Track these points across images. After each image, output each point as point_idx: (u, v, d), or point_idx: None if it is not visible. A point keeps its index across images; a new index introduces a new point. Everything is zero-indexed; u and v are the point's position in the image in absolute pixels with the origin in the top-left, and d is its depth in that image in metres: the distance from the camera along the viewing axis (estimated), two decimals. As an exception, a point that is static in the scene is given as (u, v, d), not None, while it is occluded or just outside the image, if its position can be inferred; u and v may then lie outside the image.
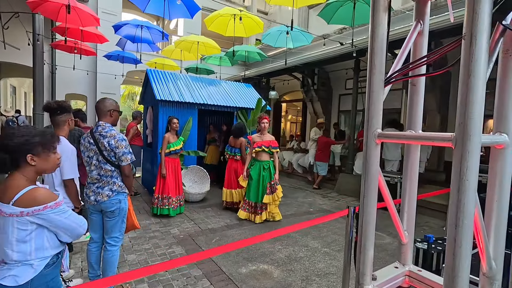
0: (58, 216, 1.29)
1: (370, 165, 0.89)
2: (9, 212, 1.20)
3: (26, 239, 1.24)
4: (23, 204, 1.21)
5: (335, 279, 2.95)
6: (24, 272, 1.24)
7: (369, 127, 0.89)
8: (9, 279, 1.21)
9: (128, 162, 2.35)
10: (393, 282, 1.00)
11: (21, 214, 1.20)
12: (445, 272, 0.70)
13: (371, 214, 0.90)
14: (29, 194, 1.23)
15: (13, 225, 1.21)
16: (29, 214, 1.21)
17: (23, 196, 1.22)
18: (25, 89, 18.77)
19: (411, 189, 1.05)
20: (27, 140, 1.27)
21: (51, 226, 1.29)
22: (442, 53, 0.85)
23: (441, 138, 0.73)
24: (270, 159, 4.57)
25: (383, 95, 0.89)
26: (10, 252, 1.23)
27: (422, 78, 1.01)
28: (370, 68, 0.88)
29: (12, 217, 1.20)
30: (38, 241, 1.27)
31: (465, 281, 0.68)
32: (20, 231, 1.22)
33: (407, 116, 1.04)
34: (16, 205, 1.20)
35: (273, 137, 4.64)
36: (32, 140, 1.29)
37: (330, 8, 5.30)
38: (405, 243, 1.06)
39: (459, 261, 0.67)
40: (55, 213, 1.27)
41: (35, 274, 1.25)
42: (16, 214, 1.20)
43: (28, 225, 1.23)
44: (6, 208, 1.20)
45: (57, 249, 1.36)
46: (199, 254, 1.78)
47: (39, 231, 1.27)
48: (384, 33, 0.86)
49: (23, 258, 1.24)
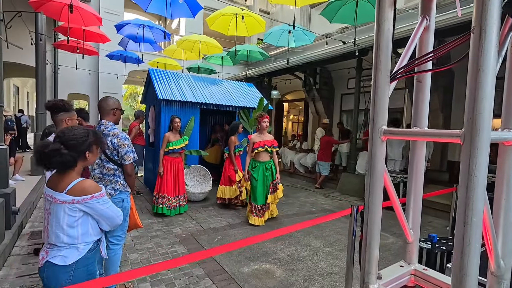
0: (101, 205, 1.46)
1: (375, 162, 0.87)
2: (62, 199, 1.38)
3: (74, 224, 1.41)
4: (74, 193, 1.39)
5: (338, 279, 2.93)
6: (71, 254, 1.41)
7: (374, 124, 0.87)
8: (58, 259, 1.39)
9: (131, 160, 2.35)
10: (398, 281, 0.99)
11: (72, 202, 1.39)
12: (453, 271, 0.69)
13: (376, 212, 0.88)
14: (79, 185, 1.41)
15: (64, 211, 1.39)
16: (79, 202, 1.40)
17: (74, 186, 1.40)
18: (28, 89, 18.87)
19: (417, 187, 1.04)
20: (86, 140, 1.49)
21: (95, 214, 1.46)
22: (449, 48, 0.84)
23: (449, 134, 0.71)
24: (270, 159, 4.49)
25: (389, 91, 0.88)
26: (62, 235, 1.40)
27: (428, 75, 0.99)
28: (375, 64, 0.86)
29: (64, 204, 1.38)
30: (84, 227, 1.44)
31: (473, 280, 0.67)
32: (70, 217, 1.40)
33: (412, 113, 1.03)
34: (69, 194, 1.39)
35: (272, 136, 4.55)
36: (89, 139, 1.50)
37: (332, 7, 5.27)
38: (411, 242, 1.04)
39: (467, 260, 0.66)
40: (99, 202, 1.45)
41: (80, 257, 1.42)
42: (68, 202, 1.38)
43: (77, 212, 1.41)
44: (60, 196, 1.38)
45: (98, 236, 1.53)
46: (201, 253, 1.77)
47: (84, 218, 1.45)
48: (390, 29, 0.85)
49: (71, 241, 1.41)
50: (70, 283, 1.37)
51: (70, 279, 1.39)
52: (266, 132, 4.44)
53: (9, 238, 3.23)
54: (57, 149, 1.37)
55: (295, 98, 12.73)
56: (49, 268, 1.38)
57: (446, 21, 4.19)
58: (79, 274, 1.41)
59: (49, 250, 1.42)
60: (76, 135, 1.45)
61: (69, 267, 1.39)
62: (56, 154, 1.37)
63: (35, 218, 4.34)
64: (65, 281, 1.37)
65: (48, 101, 2.51)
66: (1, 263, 2.89)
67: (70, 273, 1.39)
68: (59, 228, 1.40)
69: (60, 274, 1.38)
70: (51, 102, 2.48)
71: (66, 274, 1.38)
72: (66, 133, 1.45)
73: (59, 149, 1.38)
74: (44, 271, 1.39)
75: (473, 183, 0.65)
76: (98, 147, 1.59)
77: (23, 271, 2.85)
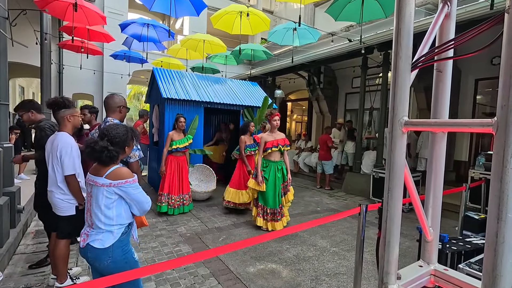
0: (133, 190, 1.65)
1: (395, 155, 0.82)
2: (101, 182, 1.60)
3: (110, 206, 1.62)
4: (112, 177, 1.60)
5: (345, 279, 2.88)
6: (108, 237, 1.62)
7: (394, 115, 0.82)
8: (97, 243, 1.60)
9: (136, 158, 2.32)
10: (418, 281, 0.94)
11: (110, 185, 1.60)
12: (485, 271, 0.64)
13: (397, 208, 0.83)
14: (117, 171, 1.63)
15: (103, 193, 1.60)
16: (115, 185, 1.60)
17: (112, 172, 1.61)
18: (33, 89, 19.00)
19: (436, 184, 0.98)
20: (127, 136, 1.74)
21: (128, 198, 1.65)
22: (474, 35, 0.79)
23: (479, 124, 0.66)
24: (281, 159, 4.24)
25: (410, 80, 0.83)
26: (100, 214, 1.61)
27: (449, 64, 0.94)
28: (396, 52, 0.81)
29: (103, 187, 1.60)
30: (118, 209, 1.65)
31: (508, 280, 0.62)
32: (107, 198, 1.61)
33: (432, 105, 0.98)
34: (107, 178, 1.60)
35: (283, 134, 4.28)
36: (128, 136, 1.75)
37: (338, 4, 5.21)
38: (430, 240, 0.99)
39: (501, 259, 0.61)
40: (132, 187, 1.64)
41: (115, 240, 1.63)
42: (106, 185, 1.59)
43: (113, 194, 1.61)
44: (100, 180, 1.60)
45: (129, 220, 1.73)
46: (206, 252, 1.73)
47: (119, 202, 1.65)
48: (412, 14, 0.80)
49: (108, 222, 1.62)
50: (111, 263, 1.61)
51: (110, 259, 1.61)
52: (277, 131, 4.19)
53: (14, 236, 3.22)
54: (106, 146, 1.60)
55: (298, 98, 12.67)
56: (91, 251, 1.61)
57: (463, 14, 4.06)
58: (116, 254, 1.63)
59: (89, 233, 1.64)
60: (119, 133, 1.69)
61: (107, 249, 1.61)
62: (105, 150, 1.59)
63: (40, 217, 4.33)
64: (106, 261, 1.61)
65: (48, 99, 2.48)
66: (6, 262, 2.88)
67: (109, 254, 1.61)
68: (97, 208, 1.61)
69: (101, 255, 1.60)
70: (51, 100, 2.45)
71: (106, 255, 1.61)
72: (110, 132, 1.67)
73: (107, 146, 1.60)
74: (87, 252, 1.62)
75: (508, 175, 0.60)
76: (133, 142, 1.82)
77: (28, 269, 2.84)
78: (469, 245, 2.58)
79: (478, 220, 3.17)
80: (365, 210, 2.40)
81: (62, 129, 2.43)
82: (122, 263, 1.65)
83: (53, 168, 2.39)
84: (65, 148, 2.33)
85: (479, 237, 2.88)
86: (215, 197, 5.73)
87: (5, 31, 3.38)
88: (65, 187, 2.40)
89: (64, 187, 2.40)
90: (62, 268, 2.46)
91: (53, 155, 2.37)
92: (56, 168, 2.37)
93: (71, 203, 2.43)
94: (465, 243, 2.63)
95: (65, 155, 2.32)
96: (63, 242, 2.46)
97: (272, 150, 4.08)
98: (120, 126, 1.75)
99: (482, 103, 6.95)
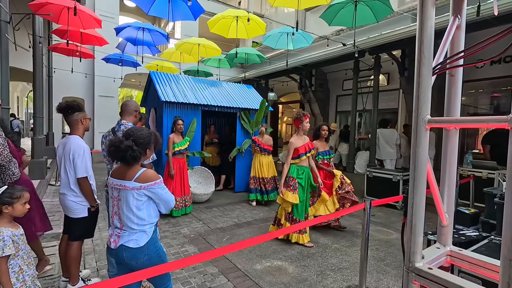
0: (161, 190, 1.72)
1: (420, 150, 0.95)
2: (131, 186, 1.65)
3: (141, 207, 1.68)
4: (141, 180, 1.66)
5: (349, 273, 3.01)
6: (141, 237, 1.69)
7: (418, 114, 0.95)
8: (132, 242, 1.67)
9: (150, 161, 2.38)
10: (437, 261, 1.06)
11: (140, 188, 1.66)
12: (503, 242, 0.76)
13: (421, 195, 0.95)
14: (144, 174, 1.69)
15: (133, 196, 1.66)
16: (145, 188, 1.66)
17: (141, 175, 1.68)
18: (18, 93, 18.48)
19: (451, 173, 1.12)
20: (150, 139, 1.81)
21: (156, 198, 1.72)
22: (488, 45, 0.92)
23: (496, 120, 0.79)
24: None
25: (431, 84, 0.95)
26: (132, 217, 1.67)
27: (460, 69, 1.08)
28: (419, 59, 0.94)
29: (133, 190, 1.66)
30: (148, 210, 1.72)
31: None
32: (137, 200, 1.67)
33: (445, 105, 1.11)
34: (136, 181, 1.66)
35: (307, 137, 3.88)
36: (151, 139, 1.82)
37: (332, 10, 5.41)
38: (446, 225, 1.12)
39: (518, 232, 0.73)
40: (160, 188, 1.72)
41: (148, 239, 1.71)
42: (136, 188, 1.65)
43: (143, 196, 1.68)
44: (129, 184, 1.66)
45: (157, 218, 1.81)
46: (215, 251, 1.83)
47: (148, 202, 1.71)
48: (433, 26, 0.93)
49: (141, 222, 1.68)
50: (146, 260, 1.68)
51: (146, 256, 1.69)
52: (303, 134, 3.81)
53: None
54: (130, 145, 1.66)
55: (290, 100, 12.87)
56: (126, 251, 1.66)
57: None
58: (151, 251, 1.71)
59: (121, 235, 1.69)
60: (143, 135, 1.76)
61: (143, 248, 1.69)
62: (129, 149, 1.65)
63: (39, 222, 4.27)
64: (143, 258, 1.68)
65: (60, 103, 2.51)
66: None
67: (145, 252, 1.69)
68: (129, 211, 1.67)
69: (138, 254, 1.67)
70: (64, 104, 2.48)
71: (142, 253, 1.68)
72: (135, 134, 1.74)
73: (132, 145, 1.67)
74: (123, 252, 1.66)
75: (522, 162, 0.72)
76: (153, 146, 1.89)
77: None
78: (463, 237, 2.75)
79: (469, 214, 3.37)
80: (370, 205, 2.55)
81: (74, 132, 2.47)
82: (156, 258, 1.73)
83: (65, 170, 2.42)
84: (78, 151, 2.37)
85: (471, 230, 3.06)
86: (213, 199, 5.79)
87: (7, 35, 3.37)
88: (77, 189, 2.43)
89: (77, 189, 2.43)
90: (74, 271, 2.48)
91: (65, 158, 2.40)
92: (68, 170, 2.40)
93: (84, 205, 2.46)
94: (460, 236, 2.80)
95: (77, 158, 2.36)
96: (75, 244, 2.48)
97: (306, 156, 3.73)
98: (144, 129, 1.82)
99: (467, 104, 7.30)
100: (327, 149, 4.31)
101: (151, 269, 1.53)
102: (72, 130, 2.50)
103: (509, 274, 0.74)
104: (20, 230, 1.93)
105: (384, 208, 5.43)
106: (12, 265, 1.82)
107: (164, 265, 1.59)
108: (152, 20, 14.63)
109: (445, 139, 1.12)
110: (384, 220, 4.82)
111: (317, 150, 4.11)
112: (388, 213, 5.20)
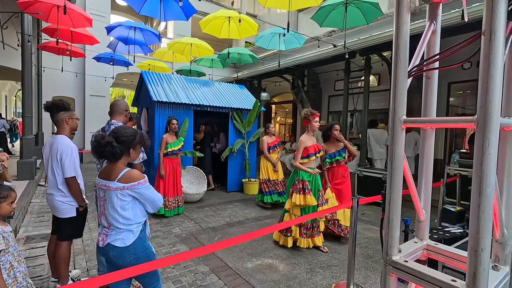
0: (145, 190, 1.71)
1: (396, 148, 0.99)
2: (114, 187, 1.65)
3: (126, 207, 1.68)
4: (124, 181, 1.65)
5: (338, 270, 3.07)
6: (128, 236, 1.70)
7: (395, 114, 1.00)
8: (119, 242, 1.67)
9: (140, 160, 2.39)
10: (414, 254, 1.11)
11: (123, 188, 1.65)
12: (471, 234, 0.81)
13: (398, 192, 1.00)
14: (127, 174, 1.67)
15: (117, 196, 1.66)
16: (128, 188, 1.65)
17: (124, 175, 1.66)
18: (5, 92, 18.13)
19: (427, 171, 1.17)
20: (134, 138, 1.76)
21: (141, 198, 1.72)
22: (456, 51, 0.98)
23: (464, 120, 0.84)
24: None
25: (406, 86, 1.00)
26: (117, 216, 1.67)
27: (436, 72, 1.13)
28: (395, 62, 0.99)
29: (116, 191, 1.65)
30: (133, 210, 1.71)
31: (487, 241, 0.79)
32: (122, 201, 1.66)
33: (422, 106, 1.16)
34: (119, 181, 1.64)
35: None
36: (136, 139, 1.77)
37: (323, 11, 5.47)
38: (423, 220, 1.17)
39: (483, 224, 0.79)
40: (144, 188, 1.70)
41: (135, 238, 1.71)
42: (119, 188, 1.64)
43: (127, 196, 1.67)
44: (112, 184, 1.65)
45: (145, 217, 1.82)
46: (206, 248, 1.84)
47: (133, 202, 1.71)
48: (408, 31, 0.98)
49: (127, 222, 1.68)
50: (133, 259, 1.69)
51: (133, 255, 1.70)
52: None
53: (6, 242, 3.16)
54: (110, 141, 1.65)
55: (283, 100, 12.94)
56: (113, 250, 1.67)
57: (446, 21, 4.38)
58: (138, 251, 1.72)
59: (108, 233, 1.70)
60: (126, 133, 1.73)
61: (129, 247, 1.70)
62: (108, 145, 1.63)
63: (28, 222, 4.23)
64: (129, 257, 1.69)
65: (47, 102, 2.49)
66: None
67: (131, 251, 1.69)
68: (114, 211, 1.67)
69: (124, 253, 1.68)
70: (50, 102, 2.46)
71: (129, 252, 1.69)
72: (119, 131, 1.73)
73: (111, 141, 1.65)
74: (110, 251, 1.67)
75: (486, 159, 0.78)
76: (141, 147, 1.84)
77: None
78: (448, 234, 2.83)
79: (455, 212, 3.46)
80: (357, 203, 2.61)
81: (60, 132, 2.46)
82: (144, 257, 1.74)
83: (52, 171, 2.41)
84: (66, 151, 2.36)
85: (456, 227, 3.15)
86: (205, 198, 5.80)
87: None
88: (65, 189, 2.42)
89: (65, 189, 2.42)
90: (64, 270, 2.48)
91: (52, 158, 2.39)
92: (56, 170, 2.39)
93: (72, 205, 2.46)
94: (444, 232, 2.88)
95: (65, 158, 2.35)
96: (64, 244, 2.48)
97: (316, 156, 3.57)
98: (130, 129, 1.81)
99: (455, 104, 7.47)
100: (339, 149, 3.91)
101: (138, 267, 1.55)
102: (58, 129, 2.49)
103: (475, 264, 0.80)
104: (9, 227, 1.93)
105: (374, 206, 5.52)
106: (3, 261, 1.82)
107: (152, 263, 1.61)
108: (145, 19, 14.52)
109: (422, 138, 1.17)
110: (373, 218, 4.91)
111: (325, 152, 3.89)
112: (378, 212, 5.29)
